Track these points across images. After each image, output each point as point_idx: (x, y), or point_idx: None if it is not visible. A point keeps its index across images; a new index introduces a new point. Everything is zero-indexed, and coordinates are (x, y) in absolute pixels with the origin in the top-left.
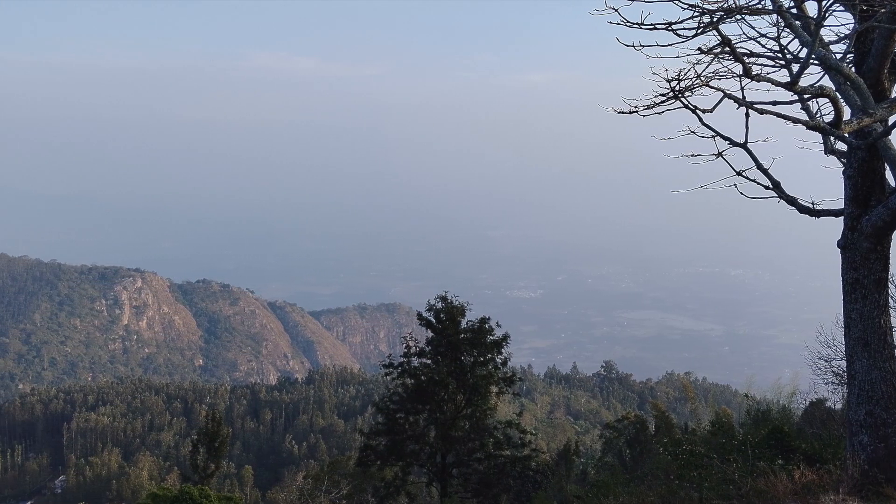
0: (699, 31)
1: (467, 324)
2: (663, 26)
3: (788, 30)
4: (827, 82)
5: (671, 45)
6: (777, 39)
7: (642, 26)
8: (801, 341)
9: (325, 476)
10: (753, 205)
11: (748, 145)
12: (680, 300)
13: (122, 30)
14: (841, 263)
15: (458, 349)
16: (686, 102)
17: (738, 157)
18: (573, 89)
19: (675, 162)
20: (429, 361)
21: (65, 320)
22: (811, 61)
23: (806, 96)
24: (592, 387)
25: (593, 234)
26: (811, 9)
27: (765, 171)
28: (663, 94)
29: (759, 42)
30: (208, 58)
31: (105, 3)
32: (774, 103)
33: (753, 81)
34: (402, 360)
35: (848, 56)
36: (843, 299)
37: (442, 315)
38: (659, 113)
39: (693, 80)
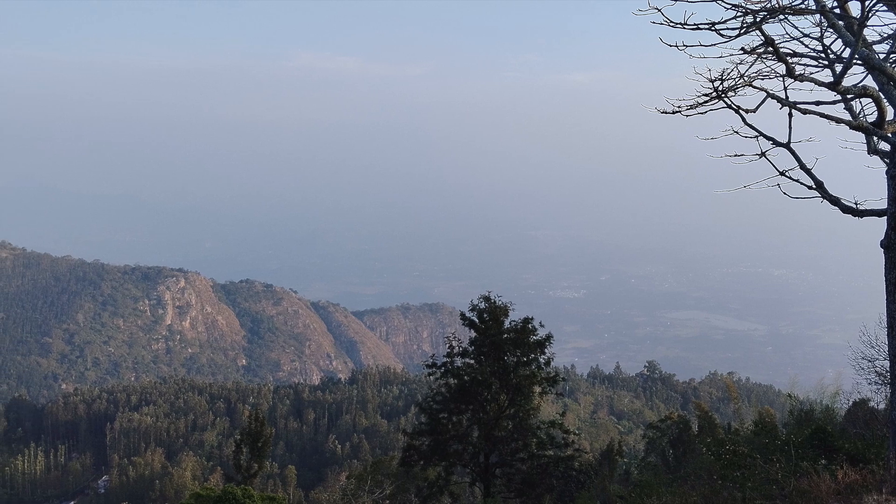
0: (742, 31)
1: (510, 324)
2: (706, 26)
3: (832, 30)
4: (870, 82)
5: (714, 45)
6: (820, 39)
7: (685, 26)
8: (845, 341)
9: (369, 476)
10: (797, 205)
11: (791, 145)
12: (723, 300)
13: (166, 30)
14: (884, 263)
15: (501, 349)
16: (729, 102)
17: (782, 157)
18: (616, 89)
19: (718, 162)
20: (472, 361)
21: (108, 320)
22: (854, 61)
23: (849, 96)
24: (635, 387)
25: (636, 233)
26: (854, 9)
27: (808, 171)
28: (706, 94)
29: (802, 42)
30: (252, 57)
31: (149, 3)
32: (817, 103)
33: (797, 81)
34: (445, 360)
35: (891, 56)
36: (887, 299)
37: (485, 315)
38: (702, 113)
39: (736, 80)
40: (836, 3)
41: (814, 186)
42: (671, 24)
